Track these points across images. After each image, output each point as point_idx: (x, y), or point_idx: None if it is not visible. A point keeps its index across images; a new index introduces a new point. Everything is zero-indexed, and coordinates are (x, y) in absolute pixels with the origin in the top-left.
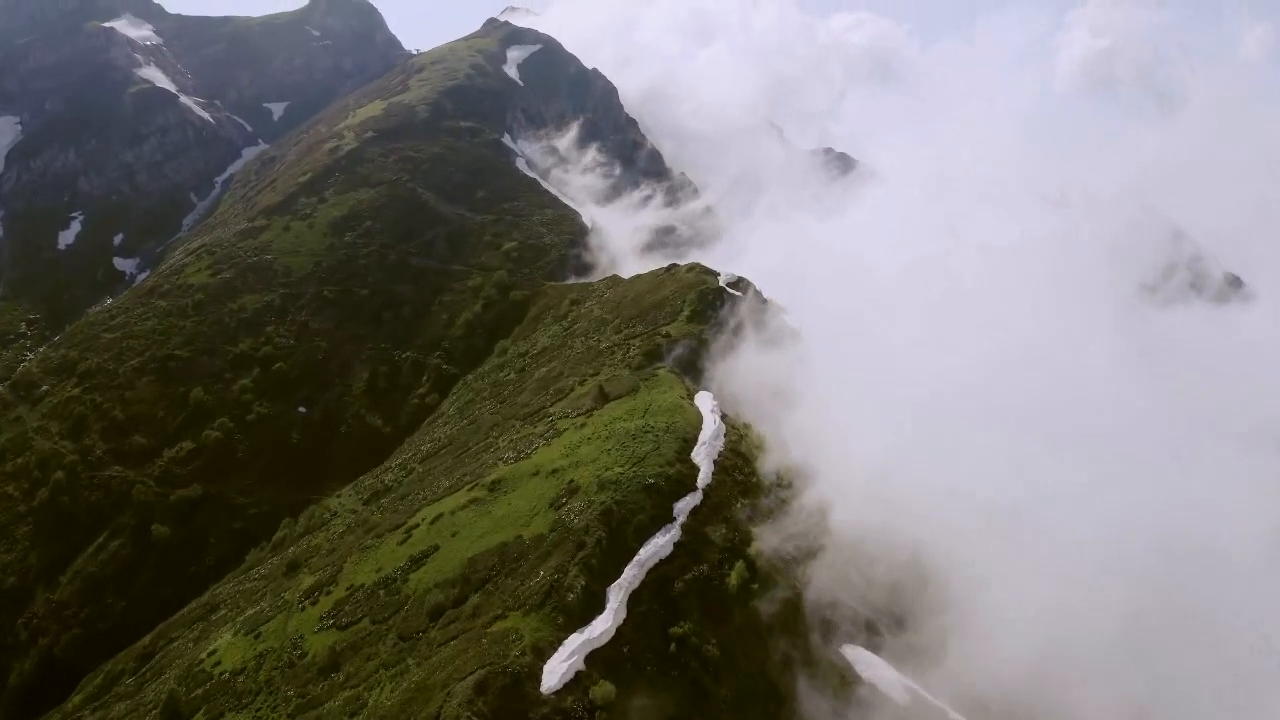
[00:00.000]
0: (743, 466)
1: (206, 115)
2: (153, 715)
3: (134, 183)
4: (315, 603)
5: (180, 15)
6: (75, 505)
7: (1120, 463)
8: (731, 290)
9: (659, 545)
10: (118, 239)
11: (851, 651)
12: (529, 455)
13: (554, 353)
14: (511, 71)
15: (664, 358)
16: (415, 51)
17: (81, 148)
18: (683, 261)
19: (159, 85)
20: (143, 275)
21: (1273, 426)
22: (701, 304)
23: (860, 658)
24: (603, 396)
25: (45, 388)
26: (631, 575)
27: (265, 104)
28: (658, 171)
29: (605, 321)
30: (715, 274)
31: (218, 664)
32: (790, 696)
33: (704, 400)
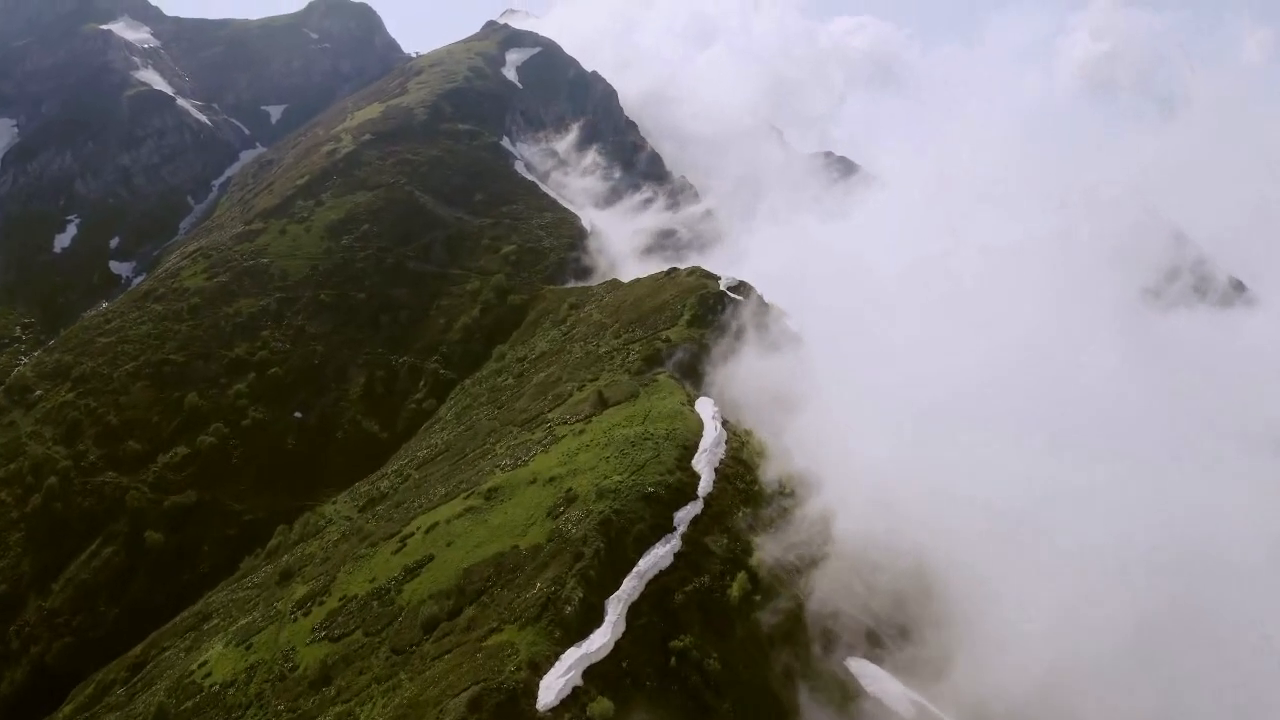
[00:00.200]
0: (744, 474)
1: (204, 118)
2: None
3: (131, 186)
4: (308, 613)
5: (178, 18)
6: (68, 511)
7: (1126, 466)
8: (732, 294)
9: (659, 556)
10: (114, 242)
11: (856, 664)
12: (526, 462)
13: (552, 358)
14: (510, 74)
15: (664, 363)
16: (414, 54)
17: (78, 150)
18: (683, 265)
19: (156, 88)
20: (139, 279)
21: (1274, 429)
22: (702, 308)
23: (864, 670)
24: (601, 402)
25: (39, 392)
26: (631, 587)
27: (263, 107)
28: (658, 174)
29: (604, 326)
30: (716, 278)
31: (208, 675)
32: (793, 711)
33: (704, 406)
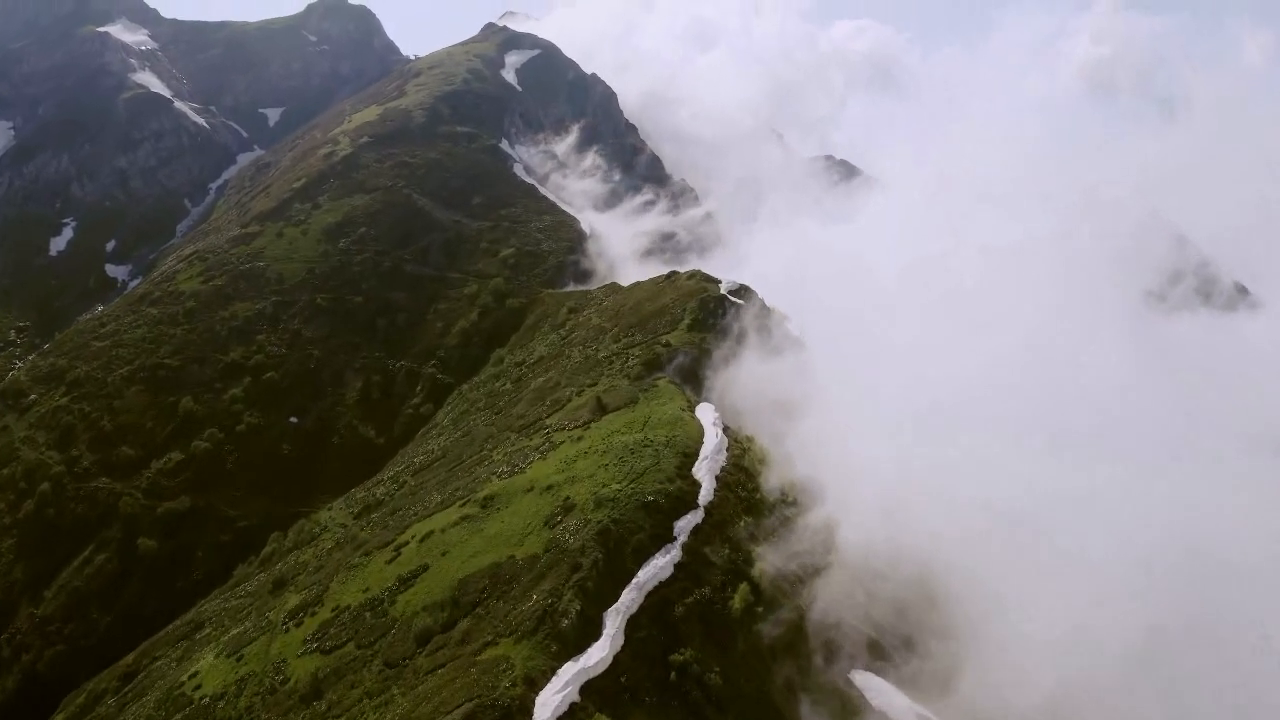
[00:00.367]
0: (746, 482)
1: (201, 121)
2: None
3: (127, 189)
4: (300, 624)
5: (176, 20)
6: (61, 518)
7: (1130, 468)
8: (733, 298)
9: (659, 567)
10: (110, 245)
11: (860, 677)
12: (523, 470)
13: (551, 362)
14: (510, 76)
15: (664, 368)
16: (413, 57)
17: (75, 153)
18: (683, 268)
19: (153, 90)
20: (135, 282)
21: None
22: (703, 312)
23: (869, 684)
24: (600, 408)
25: (33, 396)
26: (630, 599)
27: (261, 109)
28: (658, 177)
29: (604, 330)
30: (717, 281)
31: (198, 688)
32: None
33: (705, 412)
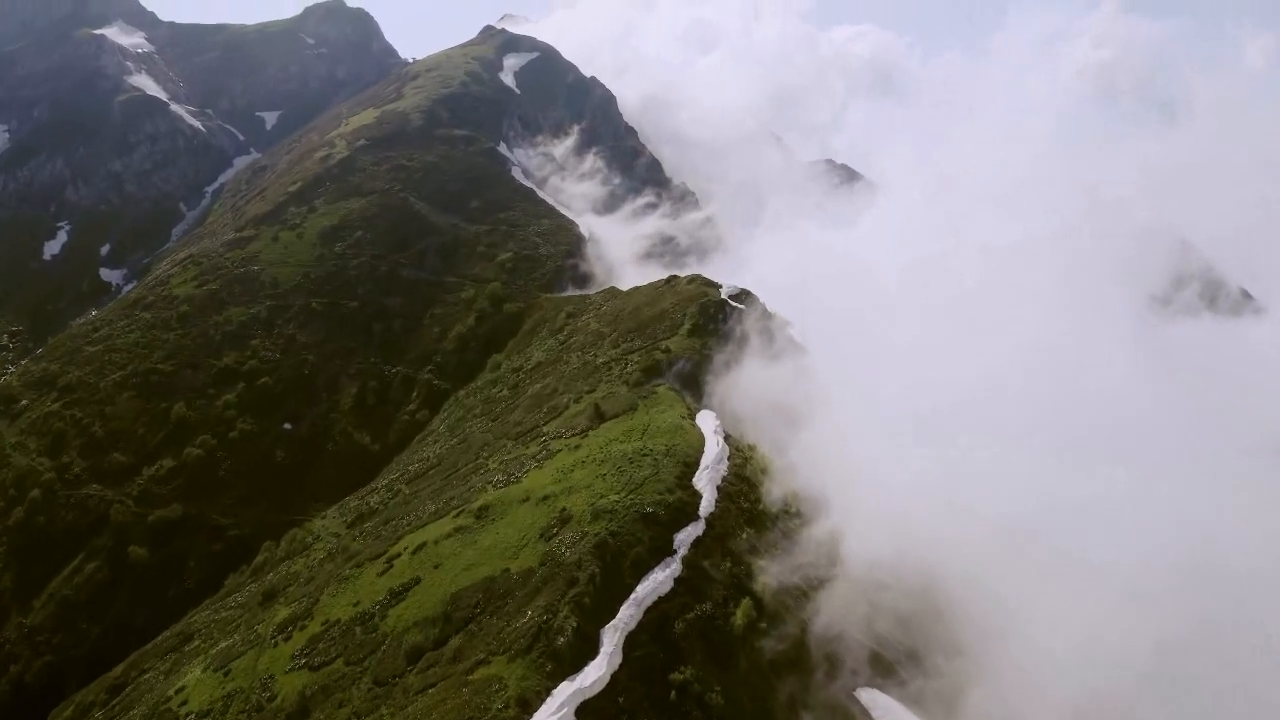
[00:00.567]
0: (748, 493)
1: (197, 124)
2: None
3: (122, 192)
4: (289, 638)
5: (173, 23)
6: (51, 525)
7: (1141, 473)
8: (734, 303)
9: (658, 581)
10: (105, 249)
11: (867, 695)
12: (519, 479)
13: (549, 368)
14: (508, 79)
15: (664, 374)
16: (411, 60)
17: (69, 156)
18: (683, 272)
19: (149, 93)
20: (129, 286)
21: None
22: (703, 317)
23: (876, 701)
24: (599, 415)
25: (25, 402)
26: (628, 615)
27: (258, 112)
28: (657, 180)
29: (602, 335)
30: (717, 286)
31: (184, 703)
32: None
33: (706, 420)
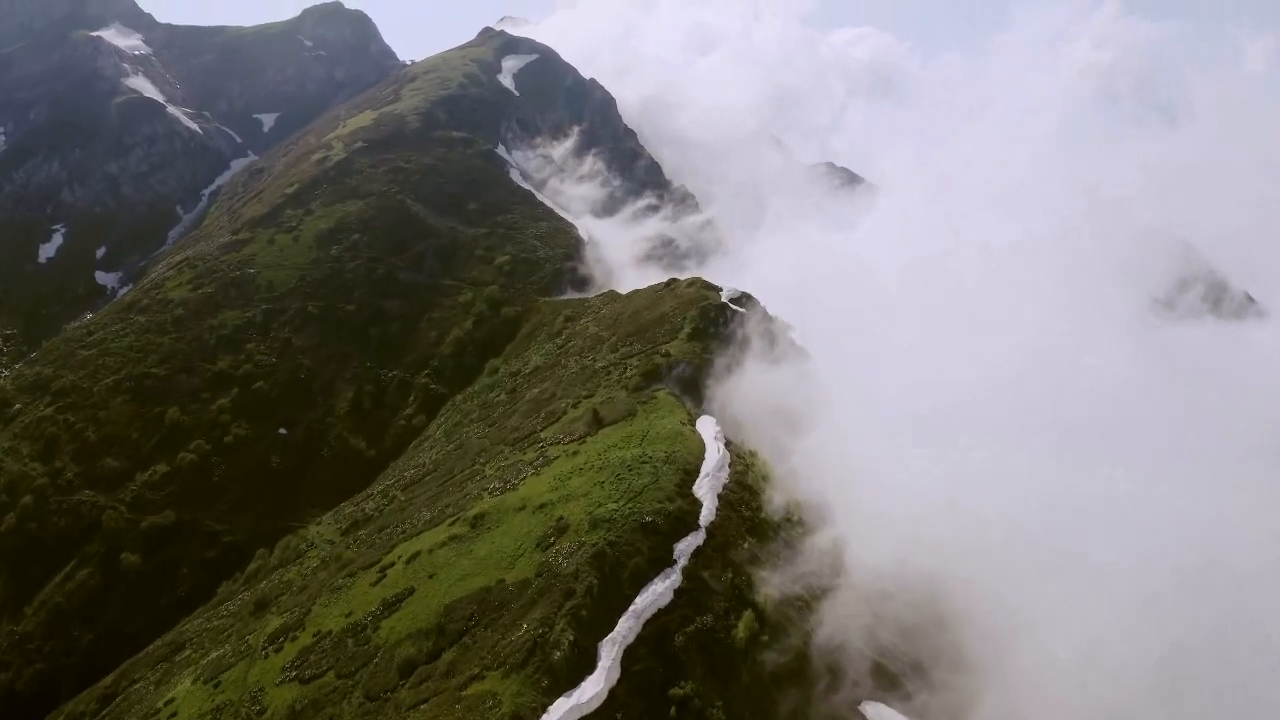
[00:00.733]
0: (749, 501)
1: (195, 126)
2: None
3: (118, 195)
4: (280, 649)
5: (170, 25)
6: (43, 531)
7: (1139, 474)
8: (735, 306)
9: (657, 593)
10: (100, 252)
11: (871, 709)
12: (516, 486)
13: (547, 372)
14: (507, 81)
15: (663, 379)
16: (409, 62)
17: (65, 158)
18: (683, 275)
19: (146, 95)
20: (124, 290)
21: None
22: (703, 321)
23: (881, 715)
24: (597, 421)
25: (18, 406)
26: (626, 628)
27: (256, 115)
28: (657, 182)
29: (601, 339)
30: (717, 289)
31: (173, 715)
32: None
33: (706, 426)
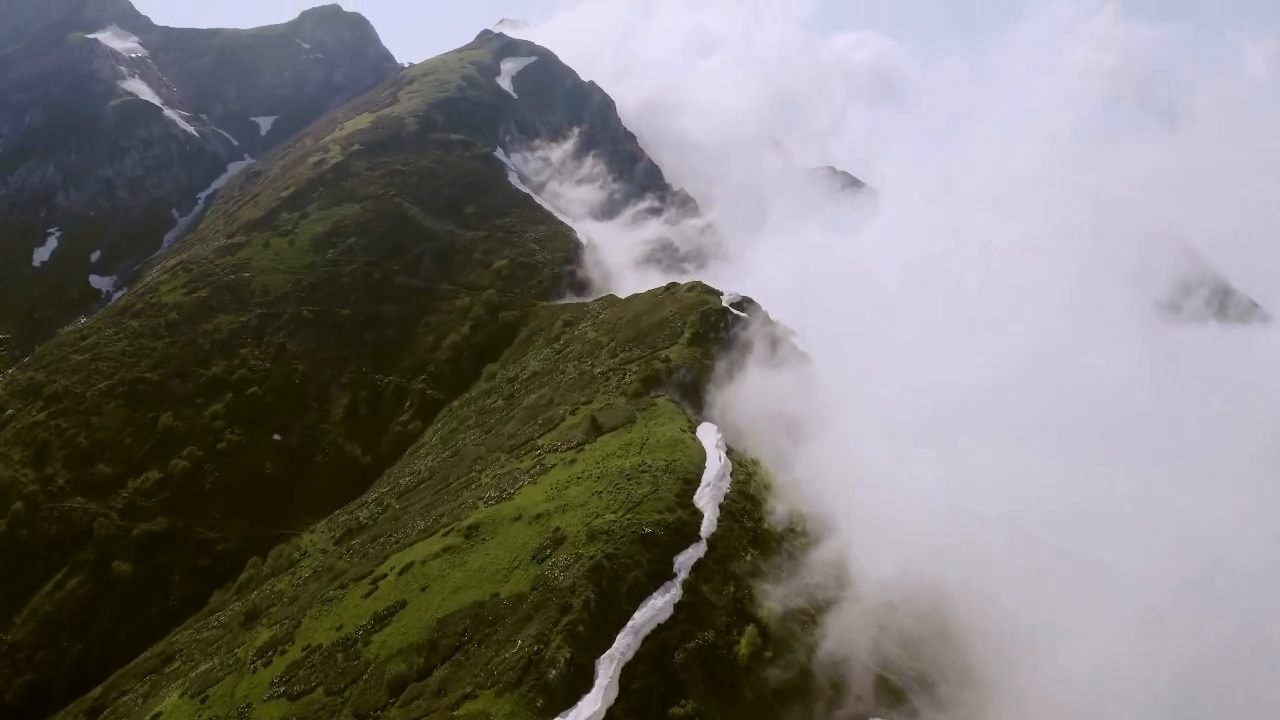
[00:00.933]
0: (752, 511)
1: (191, 129)
2: None
3: (114, 198)
4: (268, 663)
5: (167, 27)
6: (34, 538)
7: (1141, 476)
8: (736, 310)
9: (657, 607)
10: (95, 256)
11: None
12: (512, 496)
13: (544, 378)
14: (505, 84)
15: (663, 384)
16: (407, 64)
17: (60, 161)
18: (683, 279)
19: (143, 98)
20: (119, 294)
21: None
22: (704, 326)
23: None
24: (595, 428)
25: (10, 411)
26: (625, 644)
27: (253, 117)
28: (656, 185)
29: (600, 344)
30: (718, 293)
31: None
32: None
33: (707, 433)
